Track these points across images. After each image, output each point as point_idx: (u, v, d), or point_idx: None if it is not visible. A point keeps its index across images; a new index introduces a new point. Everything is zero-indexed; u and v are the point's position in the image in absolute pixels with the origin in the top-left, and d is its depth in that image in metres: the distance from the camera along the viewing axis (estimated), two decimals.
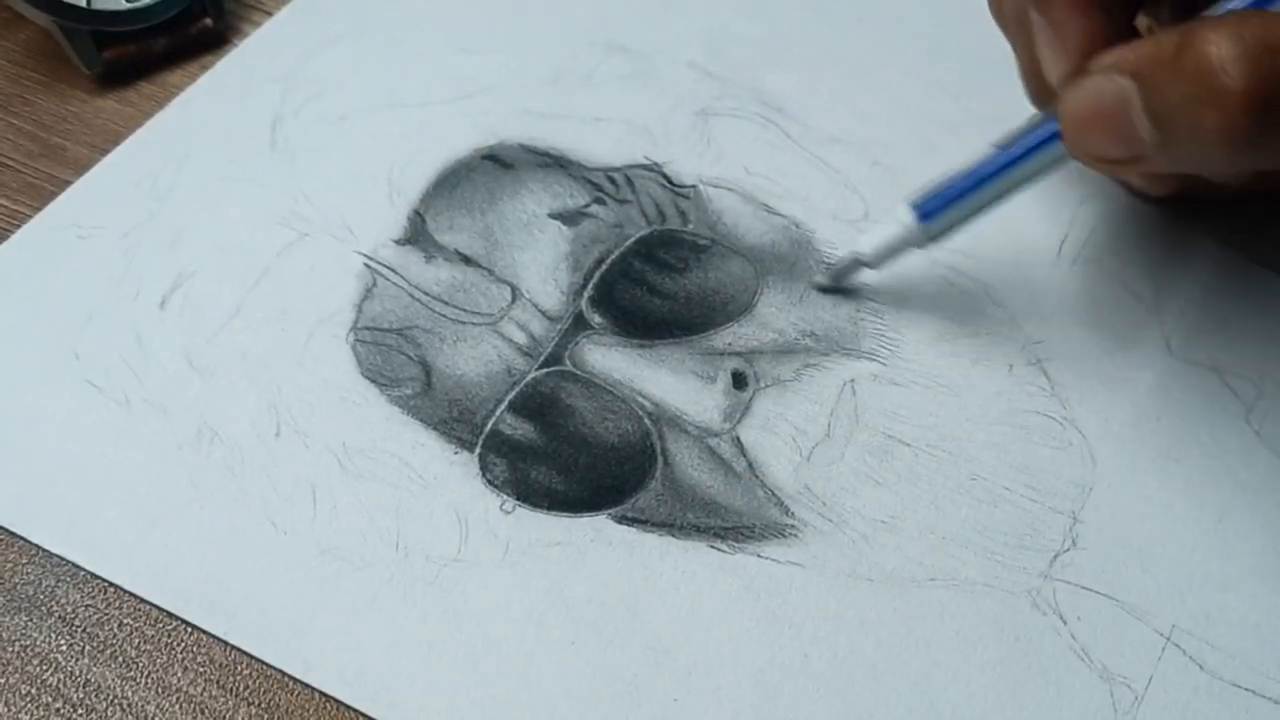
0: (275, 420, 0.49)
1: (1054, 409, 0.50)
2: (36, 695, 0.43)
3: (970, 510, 0.48)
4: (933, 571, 0.46)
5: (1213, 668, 0.45)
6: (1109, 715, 0.44)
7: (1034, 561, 0.47)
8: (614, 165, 0.58)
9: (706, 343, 0.52)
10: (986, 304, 0.53)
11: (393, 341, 0.51)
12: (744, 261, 0.54)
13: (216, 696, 0.43)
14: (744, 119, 0.60)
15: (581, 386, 0.50)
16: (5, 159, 0.58)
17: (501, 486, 0.48)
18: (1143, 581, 0.47)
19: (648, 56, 0.63)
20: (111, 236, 0.55)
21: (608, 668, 0.44)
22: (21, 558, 0.46)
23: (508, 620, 0.45)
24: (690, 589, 0.46)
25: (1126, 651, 0.45)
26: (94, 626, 0.45)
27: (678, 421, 0.50)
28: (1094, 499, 0.48)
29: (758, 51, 0.63)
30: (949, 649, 0.45)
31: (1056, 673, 0.44)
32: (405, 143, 0.58)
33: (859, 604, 0.46)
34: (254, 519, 0.47)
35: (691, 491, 0.48)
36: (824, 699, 0.44)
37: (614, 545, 0.47)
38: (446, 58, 0.62)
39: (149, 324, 0.52)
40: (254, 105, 0.60)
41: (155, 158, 0.58)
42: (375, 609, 0.45)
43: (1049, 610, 0.46)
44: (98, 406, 0.50)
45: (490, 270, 0.54)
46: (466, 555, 0.46)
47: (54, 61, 0.62)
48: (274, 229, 0.55)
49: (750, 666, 0.44)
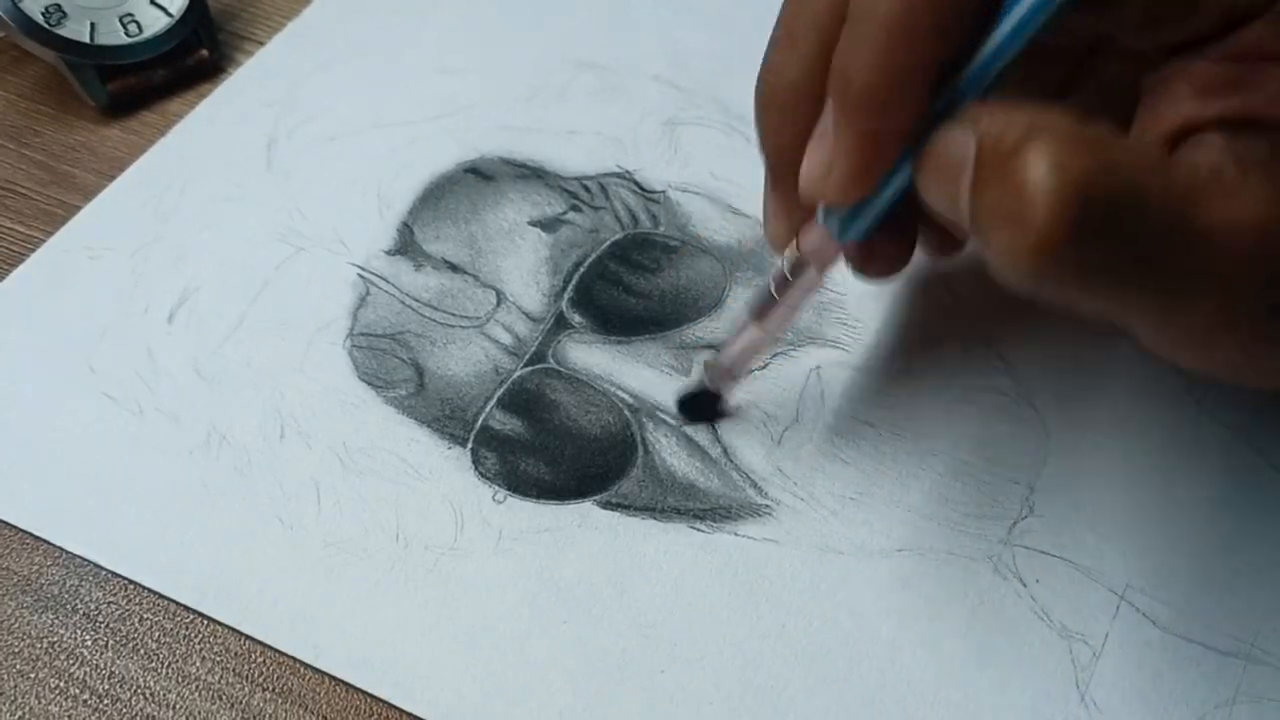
0: (279, 423, 0.49)
1: (1007, 386, 0.50)
2: (65, 688, 0.43)
3: (932, 484, 0.48)
4: (899, 542, 0.46)
5: (1165, 623, 0.45)
6: (1069, 671, 0.44)
7: (994, 529, 0.47)
8: (588, 174, 0.58)
9: (680, 337, 0.52)
10: (940, 290, 0.53)
11: (387, 346, 0.51)
12: (713, 260, 0.54)
13: (233, 683, 0.43)
14: (708, 127, 0.60)
15: (565, 382, 0.50)
16: (19, 187, 0.58)
17: (493, 478, 0.48)
18: (1096, 544, 0.47)
19: (616, 72, 0.62)
20: (120, 257, 0.55)
21: (598, 644, 0.44)
22: (47, 560, 0.46)
23: (503, 603, 0.45)
24: (673, 568, 0.46)
25: (1083, 610, 0.45)
26: (116, 622, 0.45)
27: (656, 412, 0.49)
28: (1048, 469, 0.48)
29: (719, 64, 0.63)
30: (917, 614, 0.45)
31: (1018, 632, 0.44)
32: (392, 160, 0.58)
33: (831, 575, 0.46)
34: (262, 516, 0.47)
35: (671, 477, 0.48)
36: (801, 665, 0.44)
37: (600, 530, 0.47)
38: (429, 79, 0.62)
39: (158, 337, 0.52)
40: (250, 129, 0.60)
41: (159, 182, 0.58)
42: (379, 596, 0.45)
43: (1009, 574, 0.46)
44: (113, 416, 0.49)
45: (476, 276, 0.54)
46: (462, 544, 0.46)
47: (61, 95, 0.62)
48: (272, 245, 0.55)
49: (732, 638, 0.44)
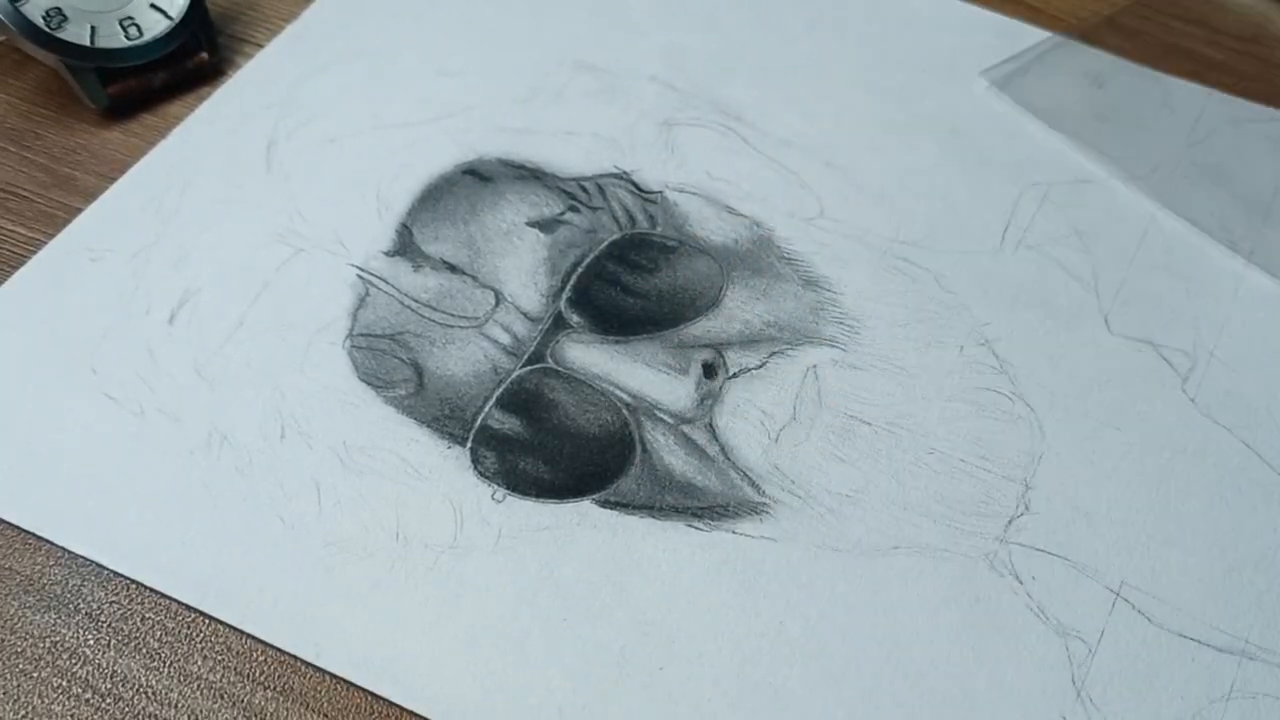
0: (280, 423, 0.49)
1: (1003, 385, 0.50)
2: (67, 687, 0.43)
3: (929, 482, 0.48)
4: (896, 540, 0.46)
5: (1160, 620, 0.45)
6: (1065, 667, 0.44)
7: (990, 527, 0.47)
8: (586, 175, 0.58)
9: (678, 336, 0.52)
10: (937, 290, 0.53)
11: (386, 346, 0.51)
12: (710, 260, 0.54)
13: (235, 682, 0.43)
14: (704, 128, 0.60)
15: (563, 382, 0.50)
16: (21, 190, 0.58)
17: (492, 477, 0.48)
18: (1092, 542, 0.47)
19: (613, 74, 0.62)
20: (121, 258, 0.54)
21: (597, 641, 0.44)
22: (49, 560, 0.46)
23: (502, 601, 0.45)
24: (671, 565, 0.46)
25: (1079, 607, 0.45)
26: (118, 621, 0.44)
27: (654, 411, 0.49)
28: (1043, 467, 0.48)
29: (714, 65, 0.63)
30: (914, 611, 0.45)
31: (1014, 629, 0.44)
32: (391, 161, 0.58)
33: (828, 573, 0.46)
34: (263, 516, 0.47)
35: (669, 475, 0.48)
36: (799, 662, 0.44)
37: (599, 528, 0.46)
38: (427, 81, 0.62)
39: (159, 338, 0.52)
40: (249, 131, 0.60)
41: (160, 183, 0.57)
42: (379, 595, 0.45)
43: (1005, 572, 0.46)
44: (115, 417, 0.49)
45: (474, 277, 0.53)
46: (462, 542, 0.46)
47: (62, 98, 0.62)
48: (272, 246, 0.55)
49: (730, 635, 0.44)
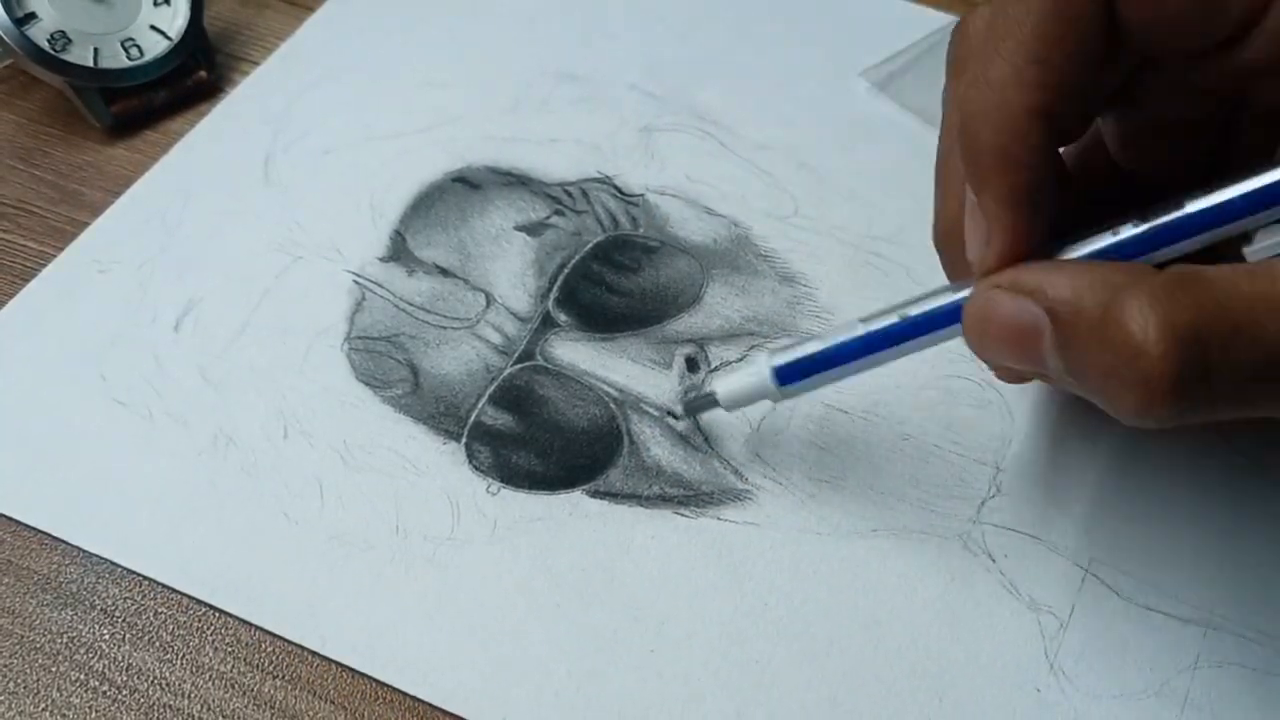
0: (283, 424, 0.49)
1: (973, 372, 0.50)
2: (85, 681, 0.43)
3: (904, 466, 0.48)
4: (874, 523, 0.46)
5: (1128, 594, 0.45)
6: (1038, 641, 0.44)
7: (963, 509, 0.47)
8: (570, 180, 0.58)
9: (661, 333, 0.52)
10: (907, 283, 0.53)
11: (383, 348, 0.51)
12: (690, 259, 0.54)
13: (245, 672, 0.43)
14: (683, 132, 0.60)
15: (552, 378, 0.50)
16: (29, 206, 0.58)
17: (487, 471, 0.48)
18: (1061, 520, 0.47)
19: (594, 82, 0.62)
20: (128, 270, 0.54)
21: (590, 626, 0.44)
22: (65, 559, 0.46)
23: (499, 589, 0.45)
24: (659, 552, 0.46)
25: (1050, 584, 0.45)
26: (132, 616, 0.45)
27: (640, 404, 0.49)
28: (1013, 450, 0.49)
29: (691, 72, 0.63)
30: (892, 590, 0.45)
31: (989, 606, 0.45)
32: (384, 171, 0.58)
33: (810, 556, 0.46)
34: (269, 513, 0.47)
35: (655, 465, 0.48)
36: (783, 642, 0.44)
37: (590, 517, 0.47)
38: (416, 94, 0.62)
39: (165, 345, 0.52)
40: (248, 145, 0.60)
41: (163, 197, 0.57)
42: (381, 586, 0.45)
43: (979, 551, 0.46)
44: (124, 421, 0.49)
45: (466, 280, 0.53)
46: (459, 534, 0.46)
47: (68, 117, 0.61)
48: (272, 255, 0.55)
49: (717, 617, 0.44)
